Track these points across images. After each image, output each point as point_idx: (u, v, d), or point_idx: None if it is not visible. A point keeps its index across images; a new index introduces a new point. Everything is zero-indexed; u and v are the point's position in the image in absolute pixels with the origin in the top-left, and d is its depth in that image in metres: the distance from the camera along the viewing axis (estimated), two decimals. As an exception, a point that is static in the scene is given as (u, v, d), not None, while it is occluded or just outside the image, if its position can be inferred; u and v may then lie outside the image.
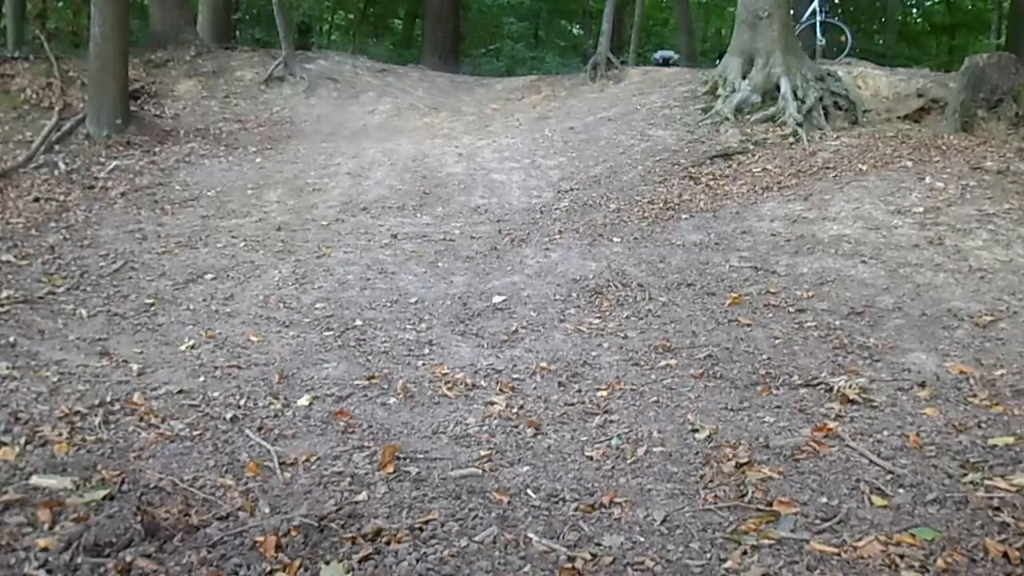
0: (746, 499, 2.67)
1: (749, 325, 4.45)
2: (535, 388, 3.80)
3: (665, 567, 2.28)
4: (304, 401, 3.63)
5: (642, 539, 2.43)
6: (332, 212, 6.66)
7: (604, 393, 3.71)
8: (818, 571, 2.25)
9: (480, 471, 2.92)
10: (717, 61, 9.59)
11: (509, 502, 2.66)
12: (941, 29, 20.51)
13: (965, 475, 2.80)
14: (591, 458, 3.05)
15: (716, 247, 5.55)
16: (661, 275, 5.21)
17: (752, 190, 6.45)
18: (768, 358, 4.04)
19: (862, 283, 4.85)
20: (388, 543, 2.38)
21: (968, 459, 2.92)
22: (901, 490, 2.71)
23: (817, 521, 2.51)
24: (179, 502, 2.61)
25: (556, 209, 6.56)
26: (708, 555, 2.34)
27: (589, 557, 2.32)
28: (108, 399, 3.49)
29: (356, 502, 2.65)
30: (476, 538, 2.42)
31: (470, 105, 10.36)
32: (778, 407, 3.50)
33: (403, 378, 3.91)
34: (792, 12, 9.40)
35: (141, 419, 3.34)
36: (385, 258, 5.67)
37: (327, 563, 2.27)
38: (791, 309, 4.62)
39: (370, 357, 4.21)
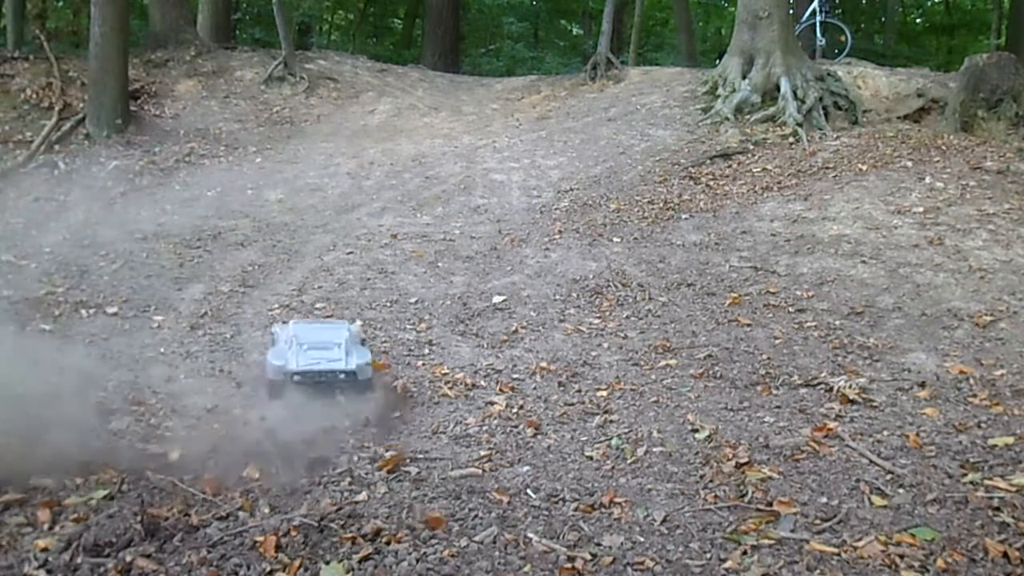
0: (746, 499, 2.67)
1: (749, 325, 4.45)
2: (535, 388, 3.80)
3: (665, 567, 2.28)
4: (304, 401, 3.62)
5: (642, 539, 2.43)
6: (332, 212, 6.66)
7: (604, 393, 3.70)
8: (818, 571, 2.24)
9: (480, 471, 2.92)
10: (717, 61, 9.59)
11: (509, 502, 2.65)
12: (941, 29, 20.50)
13: (965, 475, 2.79)
14: (591, 458, 3.05)
15: (716, 247, 5.55)
16: (661, 275, 5.20)
17: (752, 190, 6.45)
18: (768, 358, 4.04)
19: (862, 283, 4.85)
20: (388, 543, 2.38)
21: (968, 459, 2.92)
22: (901, 490, 2.70)
23: (817, 521, 2.51)
24: (179, 502, 2.61)
25: (556, 209, 6.56)
26: (708, 555, 2.34)
27: (589, 557, 2.32)
28: (108, 399, 3.49)
29: (356, 502, 2.65)
30: (476, 538, 2.41)
31: (470, 105, 10.36)
32: (778, 407, 3.49)
33: (403, 378, 3.90)
34: (792, 12, 9.41)
35: (141, 419, 3.34)
36: (385, 258, 5.67)
37: (327, 563, 2.27)
38: (791, 309, 4.62)
39: (370, 357, 4.20)
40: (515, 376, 3.95)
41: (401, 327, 4.60)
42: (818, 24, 10.16)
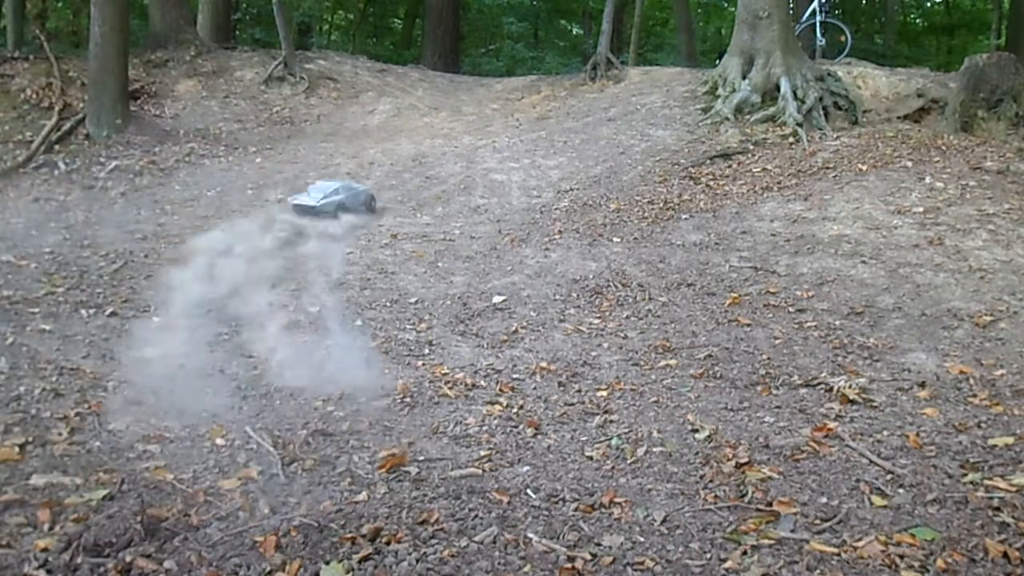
0: (746, 499, 2.67)
1: (749, 325, 4.45)
2: (535, 388, 3.80)
3: (665, 567, 2.28)
4: (304, 401, 3.63)
5: (642, 539, 2.43)
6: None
7: (604, 393, 3.71)
8: (818, 571, 2.24)
9: (480, 471, 2.92)
10: (717, 61, 9.59)
11: (509, 502, 2.65)
12: (941, 29, 20.50)
13: (965, 475, 2.79)
14: (591, 458, 3.05)
15: (716, 247, 5.55)
16: (661, 275, 5.21)
17: (752, 190, 6.45)
18: (768, 358, 4.04)
19: (862, 283, 4.85)
20: (388, 543, 2.38)
21: (968, 459, 2.92)
22: (901, 490, 2.71)
23: (817, 521, 2.51)
24: (179, 502, 2.61)
25: (556, 209, 6.56)
26: (708, 555, 2.34)
27: (589, 557, 2.32)
28: (108, 399, 3.49)
29: (356, 502, 2.65)
30: (476, 538, 2.41)
31: (470, 105, 10.36)
32: (778, 407, 3.49)
33: (403, 378, 3.91)
34: (792, 12, 9.41)
35: (141, 419, 3.34)
36: (385, 258, 5.67)
37: (327, 563, 2.27)
38: (791, 309, 4.62)
39: (370, 357, 4.20)
40: (515, 376, 3.95)
41: (401, 327, 4.60)
42: (818, 24, 10.16)
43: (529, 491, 2.74)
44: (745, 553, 2.34)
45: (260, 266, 5.05)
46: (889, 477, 2.80)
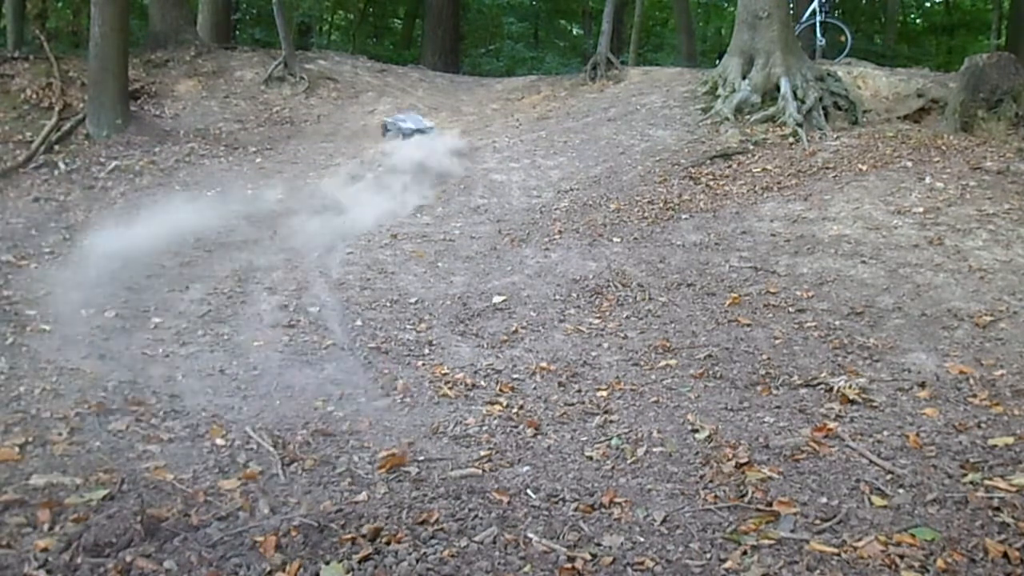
0: (746, 499, 2.67)
1: (749, 325, 4.45)
2: (535, 388, 3.80)
3: (665, 567, 2.28)
4: (304, 401, 3.63)
5: (642, 539, 2.43)
6: (332, 212, 6.65)
7: (604, 393, 3.71)
8: (818, 571, 2.25)
9: (480, 471, 2.92)
10: (717, 61, 9.59)
11: (509, 502, 2.66)
12: (941, 29, 20.48)
13: (965, 475, 2.80)
14: (591, 458, 3.05)
15: (716, 247, 5.55)
16: (661, 275, 5.20)
17: (752, 190, 6.45)
18: (768, 358, 4.04)
19: (862, 283, 4.85)
20: (388, 543, 2.38)
21: (968, 459, 2.92)
22: (901, 490, 2.71)
23: (817, 521, 2.51)
24: (179, 502, 2.61)
25: (556, 209, 6.55)
26: (708, 555, 2.34)
27: (589, 557, 2.32)
28: (108, 399, 3.49)
29: (356, 502, 2.65)
30: (476, 538, 2.41)
31: (470, 105, 10.35)
32: (778, 407, 3.49)
33: (403, 378, 3.91)
34: (792, 12, 9.41)
35: (141, 419, 3.34)
36: (385, 258, 5.67)
37: (327, 563, 2.27)
38: (791, 309, 4.62)
39: (370, 357, 4.21)
40: (515, 376, 3.95)
41: (401, 327, 4.61)
42: (818, 24, 10.15)
43: (529, 491, 2.74)
44: (745, 553, 2.34)
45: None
46: (889, 477, 2.80)
